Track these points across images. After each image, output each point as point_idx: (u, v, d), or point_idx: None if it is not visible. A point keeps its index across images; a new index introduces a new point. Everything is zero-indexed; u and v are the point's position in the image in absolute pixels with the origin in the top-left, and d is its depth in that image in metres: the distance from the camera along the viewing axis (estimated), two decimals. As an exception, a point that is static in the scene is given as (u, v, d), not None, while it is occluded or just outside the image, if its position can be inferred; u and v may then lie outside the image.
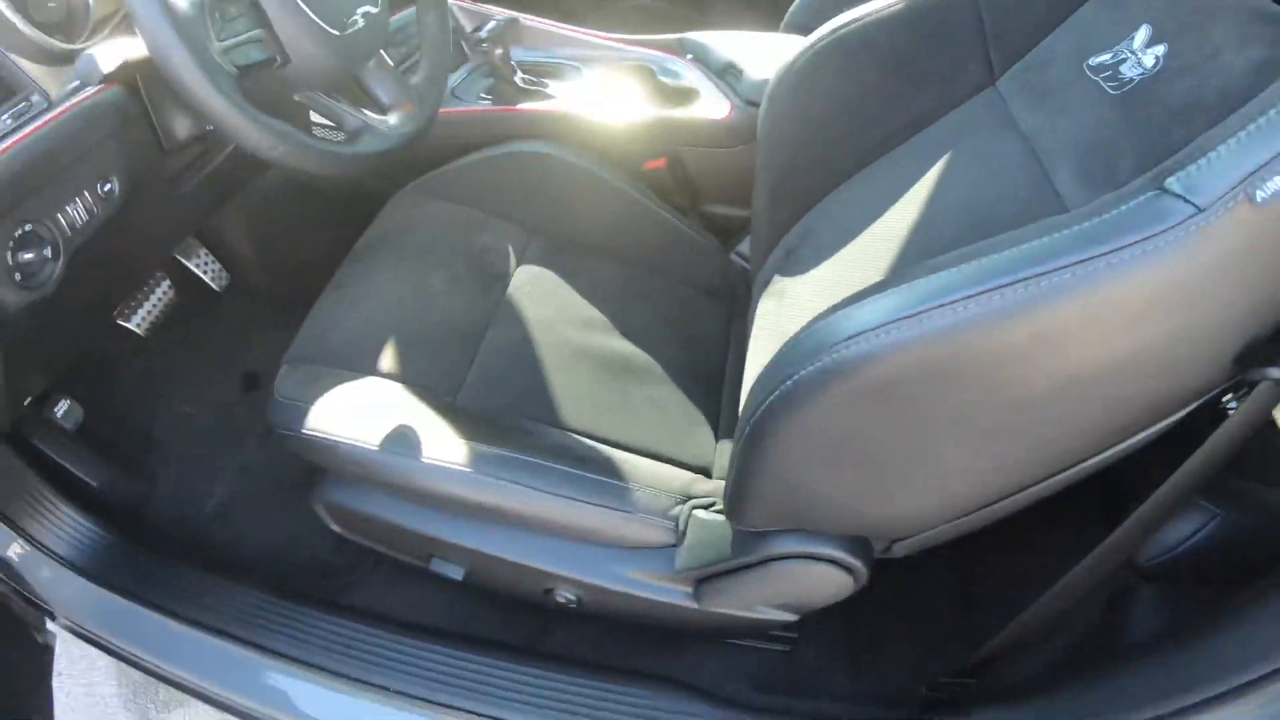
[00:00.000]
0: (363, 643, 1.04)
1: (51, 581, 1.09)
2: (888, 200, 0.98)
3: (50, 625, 1.10)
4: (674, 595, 0.93)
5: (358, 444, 0.92)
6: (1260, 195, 0.52)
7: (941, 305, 0.58)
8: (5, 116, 0.85)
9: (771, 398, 0.65)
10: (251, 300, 1.54)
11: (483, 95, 1.35)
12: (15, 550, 1.09)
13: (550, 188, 1.22)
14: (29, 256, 0.86)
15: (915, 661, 1.14)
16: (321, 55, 0.96)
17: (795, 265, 1.03)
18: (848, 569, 0.84)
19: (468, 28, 1.43)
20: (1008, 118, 0.93)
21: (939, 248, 0.79)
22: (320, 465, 1.01)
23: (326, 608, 1.08)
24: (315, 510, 1.08)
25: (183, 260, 1.48)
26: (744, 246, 1.35)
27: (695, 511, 0.92)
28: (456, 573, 1.01)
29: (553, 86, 1.35)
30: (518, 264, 1.16)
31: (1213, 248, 0.53)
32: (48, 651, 1.19)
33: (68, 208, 0.90)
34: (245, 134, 0.86)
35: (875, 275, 0.93)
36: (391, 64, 1.08)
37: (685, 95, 1.31)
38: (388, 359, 1.02)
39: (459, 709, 0.96)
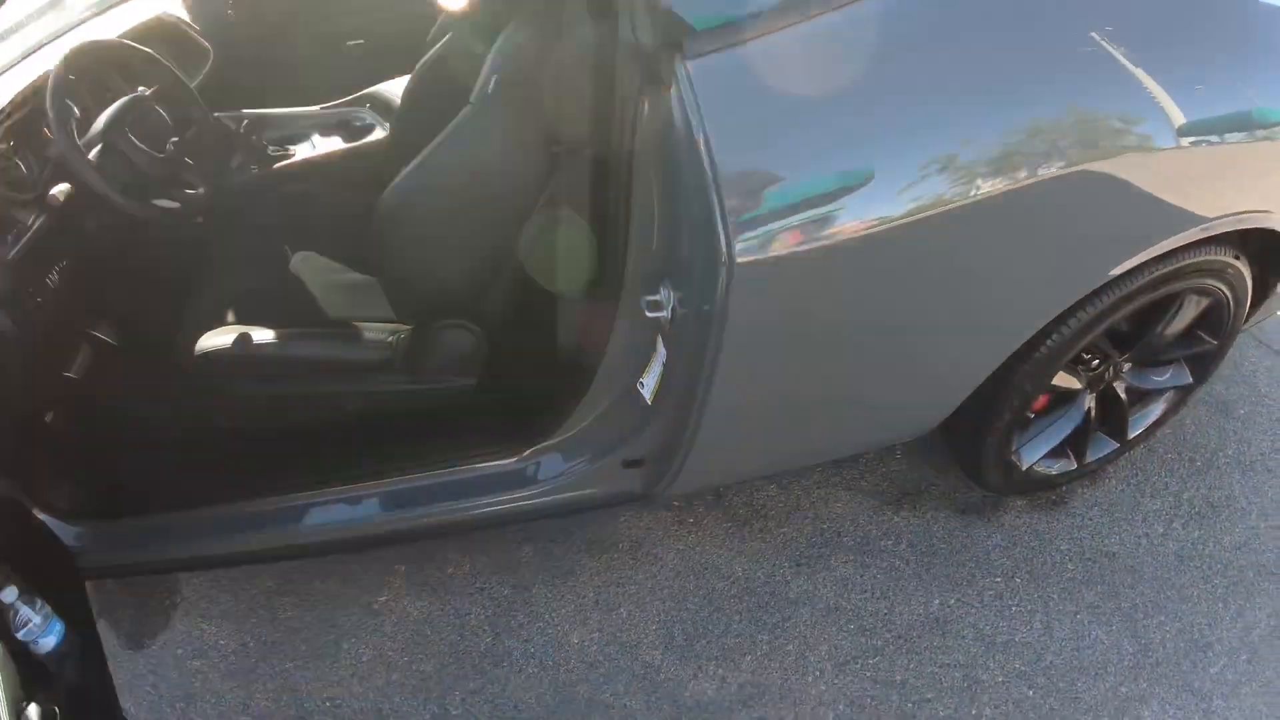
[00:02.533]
0: None
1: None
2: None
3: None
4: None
5: None
6: None
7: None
8: None
9: None
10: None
11: (252, 167, 2.20)
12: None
13: (302, 212, 2.08)
14: None
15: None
16: None
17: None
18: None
19: (235, 127, 2.28)
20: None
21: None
22: None
23: None
24: None
25: None
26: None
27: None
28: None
29: (293, 148, 2.20)
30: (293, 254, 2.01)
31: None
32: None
33: None
34: None
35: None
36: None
37: (367, 131, 2.17)
38: None
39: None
